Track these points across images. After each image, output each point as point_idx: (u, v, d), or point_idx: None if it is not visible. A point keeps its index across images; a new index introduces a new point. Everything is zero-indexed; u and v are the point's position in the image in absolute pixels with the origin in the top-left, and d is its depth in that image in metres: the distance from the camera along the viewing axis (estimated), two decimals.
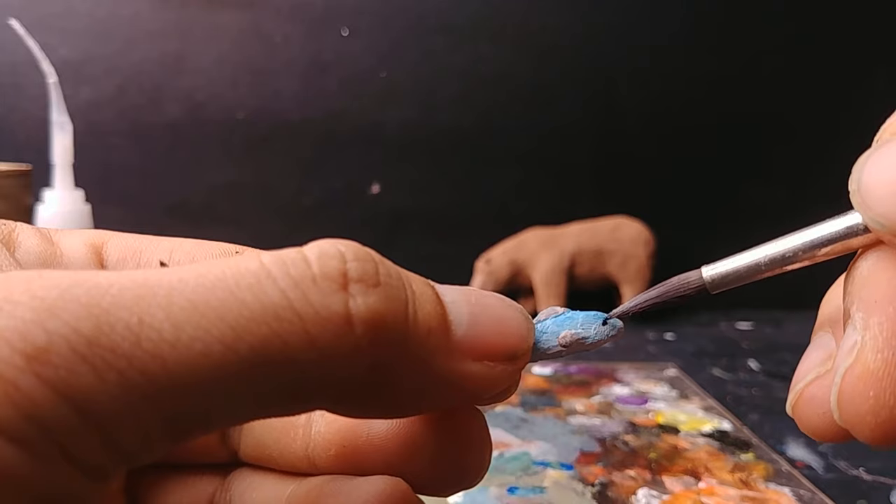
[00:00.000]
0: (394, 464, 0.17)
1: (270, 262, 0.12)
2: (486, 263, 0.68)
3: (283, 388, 0.12)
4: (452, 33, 0.73)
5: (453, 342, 0.14)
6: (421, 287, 0.14)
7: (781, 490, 0.35)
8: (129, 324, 0.11)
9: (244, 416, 0.13)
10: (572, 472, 0.36)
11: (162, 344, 0.11)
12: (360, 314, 0.12)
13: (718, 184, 0.77)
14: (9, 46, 0.64)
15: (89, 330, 0.11)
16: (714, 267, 0.17)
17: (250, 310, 0.12)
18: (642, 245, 0.69)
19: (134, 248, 0.19)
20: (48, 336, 0.10)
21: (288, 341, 0.12)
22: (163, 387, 0.11)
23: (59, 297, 0.11)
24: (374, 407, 0.14)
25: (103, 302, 0.11)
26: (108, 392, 0.10)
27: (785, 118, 0.76)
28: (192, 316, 0.11)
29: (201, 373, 0.11)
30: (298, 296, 0.12)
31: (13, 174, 0.47)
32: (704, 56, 0.75)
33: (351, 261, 0.13)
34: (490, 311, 0.15)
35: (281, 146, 0.73)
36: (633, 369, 0.53)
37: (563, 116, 0.75)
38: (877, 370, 0.14)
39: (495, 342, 0.14)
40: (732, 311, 0.74)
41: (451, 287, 0.15)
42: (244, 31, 0.71)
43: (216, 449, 0.19)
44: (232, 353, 0.11)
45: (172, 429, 0.11)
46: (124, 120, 0.71)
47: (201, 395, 0.11)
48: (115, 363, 0.11)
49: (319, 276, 0.12)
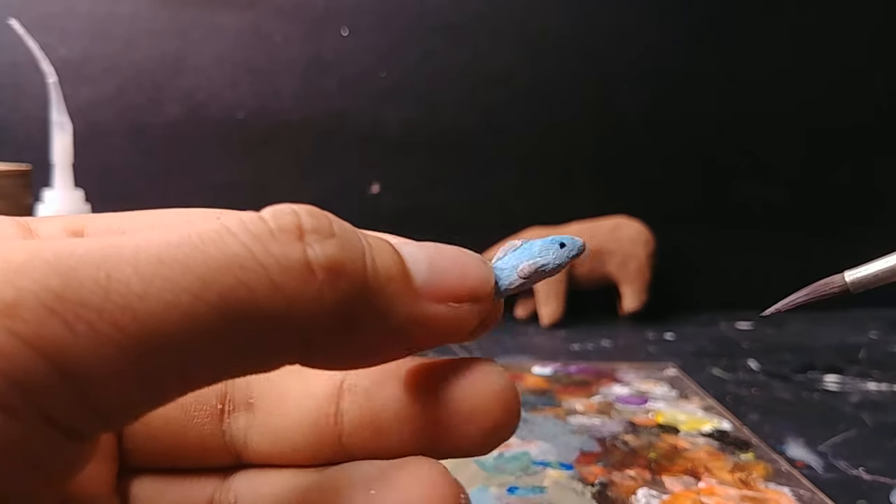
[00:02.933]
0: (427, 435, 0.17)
1: (229, 221, 0.13)
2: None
3: (253, 338, 0.12)
4: (452, 33, 0.73)
5: (415, 287, 0.15)
6: (377, 241, 0.15)
7: (781, 490, 0.35)
8: (97, 278, 0.11)
9: (218, 370, 0.13)
10: (572, 471, 0.36)
11: (130, 296, 0.11)
12: (318, 261, 0.13)
13: (718, 184, 0.77)
14: (9, 46, 0.64)
15: (58, 285, 0.11)
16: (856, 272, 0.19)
17: (216, 260, 0.12)
18: (642, 245, 0.69)
19: (115, 227, 0.19)
20: (17, 292, 0.11)
21: (254, 289, 0.12)
22: (135, 339, 0.11)
23: (26, 260, 0.11)
24: (345, 354, 0.15)
25: (71, 261, 0.11)
26: (79, 344, 0.11)
27: (785, 118, 0.76)
28: (160, 269, 0.12)
29: (172, 323, 0.11)
30: (259, 248, 0.13)
31: (13, 174, 0.47)
32: (704, 56, 0.76)
33: (305, 216, 0.13)
34: (447, 258, 0.15)
35: (281, 146, 0.73)
36: (633, 369, 0.53)
37: (563, 116, 0.75)
38: None
39: (456, 284, 0.15)
40: (732, 311, 0.74)
41: (408, 241, 0.16)
42: (244, 31, 0.71)
43: (215, 450, 0.18)
44: (201, 302, 0.12)
45: (149, 385, 0.12)
46: (124, 120, 0.71)
47: (174, 347, 0.11)
48: (85, 315, 0.11)
49: (276, 230, 0.13)
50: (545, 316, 0.68)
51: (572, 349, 0.60)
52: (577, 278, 0.69)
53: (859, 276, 0.19)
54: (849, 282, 0.19)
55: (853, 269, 0.19)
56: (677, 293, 0.76)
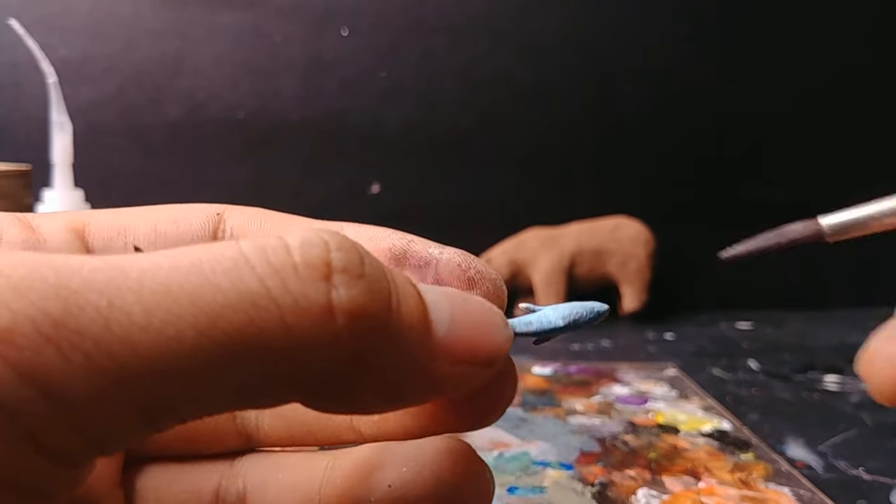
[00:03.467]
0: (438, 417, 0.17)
1: (249, 249, 0.12)
2: (486, 263, 0.68)
3: (257, 378, 0.12)
4: (452, 33, 0.73)
5: (432, 341, 0.14)
6: (403, 283, 0.14)
7: (781, 490, 0.35)
8: (98, 306, 0.10)
9: (216, 406, 0.12)
10: (572, 471, 0.36)
11: (132, 328, 0.11)
12: (342, 305, 0.12)
13: (718, 184, 0.77)
14: (9, 46, 0.64)
15: (56, 311, 0.10)
16: (832, 217, 0.17)
17: (225, 295, 0.11)
18: (642, 245, 0.69)
19: (118, 227, 0.18)
20: (13, 316, 0.10)
21: (264, 330, 0.11)
22: (133, 372, 0.11)
23: (25, 276, 0.10)
24: (348, 402, 0.14)
25: (72, 283, 0.11)
26: (74, 375, 0.10)
27: (785, 118, 0.76)
28: (164, 300, 0.11)
29: (173, 359, 0.11)
30: (277, 284, 0.12)
31: (13, 174, 0.47)
32: (704, 56, 0.76)
33: (335, 250, 0.12)
34: (471, 315, 0.14)
35: (281, 146, 0.73)
36: (632, 369, 0.53)
37: (563, 116, 0.75)
38: None
39: (473, 346, 0.14)
40: (732, 311, 0.74)
41: (434, 287, 0.15)
42: (244, 31, 0.71)
43: (227, 435, 0.18)
44: (205, 339, 0.11)
45: (145, 417, 0.11)
46: (124, 120, 0.70)
47: (173, 382, 0.11)
48: (82, 345, 0.10)
49: (301, 265, 0.12)
50: None
51: (572, 349, 0.60)
52: (577, 278, 0.69)
53: (836, 221, 0.17)
54: (824, 226, 0.17)
55: (828, 214, 0.17)
56: (677, 293, 0.76)
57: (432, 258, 0.18)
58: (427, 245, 0.19)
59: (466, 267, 0.18)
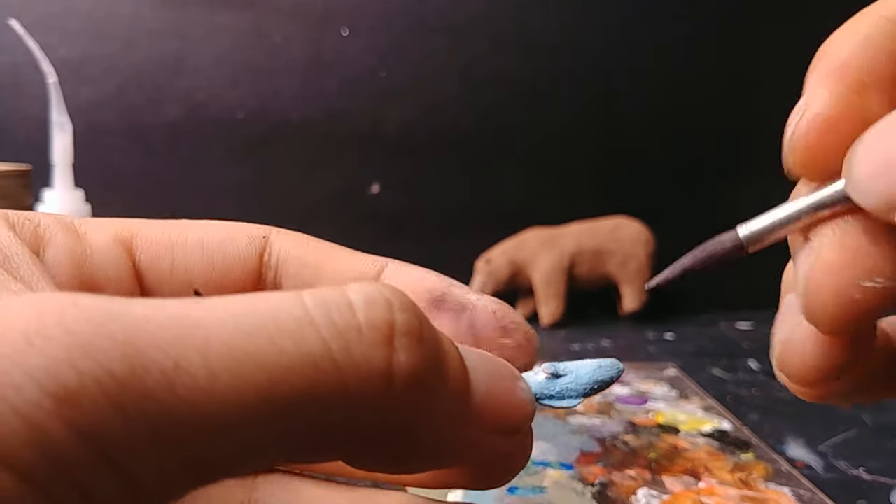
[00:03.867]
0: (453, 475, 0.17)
1: (313, 305, 0.12)
2: (486, 263, 0.68)
3: (309, 438, 0.12)
4: (452, 33, 0.73)
5: (470, 408, 0.14)
6: (450, 347, 0.14)
7: (781, 490, 0.35)
8: (164, 368, 0.10)
9: (266, 462, 0.12)
10: (572, 471, 0.36)
11: (196, 391, 0.11)
12: (401, 372, 0.12)
13: (718, 184, 0.77)
14: (9, 46, 0.64)
15: (123, 373, 0.10)
16: (750, 224, 0.17)
17: (289, 358, 0.11)
18: (642, 245, 0.69)
19: (165, 241, 0.18)
20: (80, 378, 0.10)
21: (322, 392, 0.11)
22: (190, 433, 0.11)
23: (93, 333, 0.10)
24: (389, 464, 0.14)
25: (139, 341, 0.11)
26: (136, 438, 0.10)
27: (785, 118, 0.76)
28: (230, 362, 0.11)
29: (231, 421, 0.11)
30: (340, 346, 0.12)
31: (13, 174, 0.47)
32: (704, 56, 0.76)
33: (398, 311, 0.12)
34: (503, 382, 0.15)
35: (281, 146, 0.73)
36: (633, 369, 0.53)
37: (563, 116, 0.75)
38: (834, 261, 0.15)
39: (504, 414, 0.14)
40: (732, 311, 0.74)
41: (471, 350, 0.15)
42: (244, 31, 0.71)
43: None
44: (265, 403, 0.11)
45: (198, 476, 0.11)
46: (124, 120, 0.71)
47: (229, 443, 0.11)
48: (147, 410, 0.10)
49: (365, 326, 0.12)
50: (545, 316, 0.68)
51: (572, 349, 0.60)
52: (577, 278, 0.69)
53: (753, 229, 0.16)
54: (742, 237, 0.16)
55: (747, 222, 0.17)
56: (677, 293, 0.76)
57: (469, 303, 0.19)
58: (465, 290, 0.19)
59: (502, 315, 0.18)
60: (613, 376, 0.18)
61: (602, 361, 0.18)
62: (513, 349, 0.18)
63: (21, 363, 0.10)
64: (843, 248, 0.15)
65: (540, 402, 0.17)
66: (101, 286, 0.17)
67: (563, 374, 0.17)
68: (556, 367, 0.17)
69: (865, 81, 0.15)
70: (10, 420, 0.09)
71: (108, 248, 0.18)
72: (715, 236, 0.17)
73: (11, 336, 0.10)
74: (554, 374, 0.17)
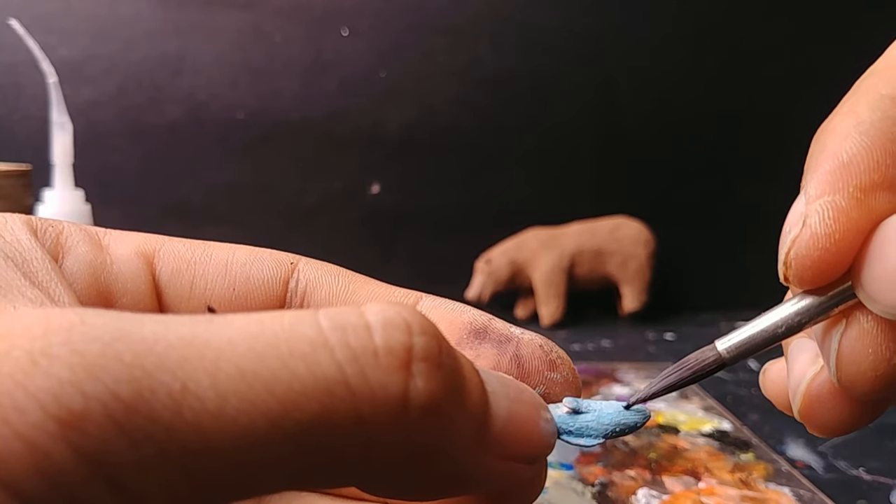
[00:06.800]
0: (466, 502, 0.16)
1: (328, 326, 0.11)
2: (486, 263, 0.68)
3: (320, 465, 0.12)
4: (452, 33, 0.73)
5: (489, 436, 0.13)
6: (471, 373, 0.13)
7: (781, 490, 0.35)
8: (171, 390, 0.10)
9: (275, 488, 0.12)
10: (572, 471, 0.36)
11: (204, 415, 0.10)
12: (417, 399, 0.12)
13: (718, 184, 0.77)
14: (9, 46, 0.64)
15: (129, 396, 0.10)
16: (728, 339, 0.17)
17: (302, 383, 0.11)
18: (642, 245, 0.69)
19: (188, 260, 0.18)
20: (85, 401, 0.10)
21: (335, 420, 0.11)
22: (198, 457, 0.10)
23: (100, 354, 0.10)
24: (402, 491, 0.13)
25: (147, 362, 0.10)
26: (142, 463, 0.10)
27: (785, 118, 0.76)
28: (240, 386, 0.10)
29: (241, 447, 0.10)
30: (355, 372, 0.11)
31: (13, 174, 0.47)
32: (704, 56, 0.76)
33: (417, 335, 0.12)
34: (525, 409, 0.14)
35: (281, 146, 0.73)
36: (633, 369, 0.53)
37: (563, 116, 0.75)
38: (871, 329, 0.14)
39: (524, 442, 0.14)
40: (732, 311, 0.74)
41: (492, 374, 0.14)
42: (244, 31, 0.71)
43: None
44: (275, 428, 0.11)
45: (202, 498, 0.11)
46: (124, 120, 0.70)
47: (237, 467, 0.11)
48: (154, 434, 0.10)
49: (382, 350, 0.12)
50: (545, 316, 0.68)
51: (572, 349, 0.60)
52: (577, 278, 0.69)
53: (731, 343, 0.17)
54: (721, 350, 0.17)
55: (724, 337, 0.17)
56: (677, 293, 0.76)
57: (514, 336, 0.18)
58: (507, 325, 0.18)
59: (549, 349, 0.18)
60: (638, 422, 0.17)
61: (628, 407, 0.17)
62: (560, 384, 0.18)
63: (25, 384, 0.10)
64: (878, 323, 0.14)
65: (558, 437, 0.16)
66: (117, 298, 0.17)
67: (585, 412, 0.17)
68: (579, 403, 0.17)
69: (873, 179, 0.14)
70: (12, 443, 0.09)
71: (129, 261, 0.17)
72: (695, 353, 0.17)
73: (16, 354, 0.10)
74: (575, 410, 0.17)
